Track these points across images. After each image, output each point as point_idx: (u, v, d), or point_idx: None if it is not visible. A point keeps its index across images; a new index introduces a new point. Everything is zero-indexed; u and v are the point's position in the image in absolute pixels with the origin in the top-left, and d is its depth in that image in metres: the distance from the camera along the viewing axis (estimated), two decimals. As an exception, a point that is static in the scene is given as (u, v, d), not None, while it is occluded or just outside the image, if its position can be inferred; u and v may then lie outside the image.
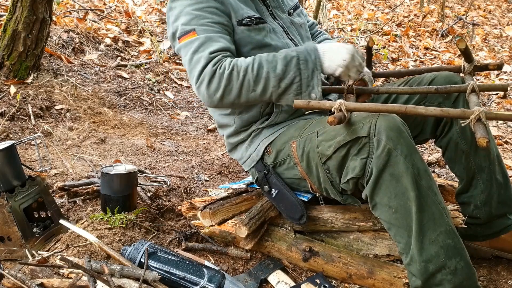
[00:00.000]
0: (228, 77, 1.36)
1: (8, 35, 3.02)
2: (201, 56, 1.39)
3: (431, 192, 1.25)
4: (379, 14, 7.04)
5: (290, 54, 1.39)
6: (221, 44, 1.41)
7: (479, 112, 1.15)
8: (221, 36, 1.44)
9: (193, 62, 1.40)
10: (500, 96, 3.91)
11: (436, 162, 2.65)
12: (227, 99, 1.40)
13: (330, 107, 1.28)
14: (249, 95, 1.40)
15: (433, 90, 1.46)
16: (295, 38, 1.64)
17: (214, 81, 1.37)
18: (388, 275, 1.46)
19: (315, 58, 1.38)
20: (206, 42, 1.40)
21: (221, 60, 1.38)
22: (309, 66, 1.37)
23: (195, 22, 1.43)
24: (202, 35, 1.41)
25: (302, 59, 1.37)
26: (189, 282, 1.35)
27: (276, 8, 1.66)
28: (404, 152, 1.23)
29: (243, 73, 1.36)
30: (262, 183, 1.60)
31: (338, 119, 1.22)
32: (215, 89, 1.38)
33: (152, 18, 5.21)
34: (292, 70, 1.37)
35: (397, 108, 1.24)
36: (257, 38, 1.51)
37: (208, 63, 1.38)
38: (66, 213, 1.93)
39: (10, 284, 1.36)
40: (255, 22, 1.51)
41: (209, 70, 1.37)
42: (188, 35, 1.43)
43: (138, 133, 3.00)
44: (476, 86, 1.38)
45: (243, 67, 1.37)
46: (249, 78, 1.37)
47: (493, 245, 1.64)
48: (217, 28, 1.44)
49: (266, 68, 1.37)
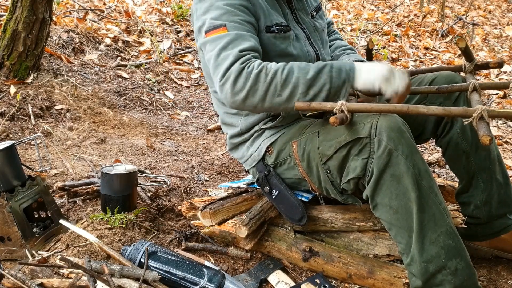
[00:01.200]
0: (256, 77, 1.30)
1: (8, 35, 3.02)
2: (230, 53, 1.33)
3: (431, 193, 1.25)
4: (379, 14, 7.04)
5: (324, 62, 1.35)
6: (251, 44, 1.36)
7: (481, 110, 1.15)
8: (251, 35, 1.39)
9: (221, 58, 1.34)
10: (500, 96, 3.92)
11: (436, 162, 2.65)
12: (251, 100, 1.33)
13: (331, 108, 1.28)
14: (274, 100, 1.33)
15: (435, 90, 1.46)
16: (316, 44, 1.61)
17: (241, 79, 1.31)
18: (388, 275, 1.46)
19: (350, 69, 1.32)
20: (237, 39, 1.35)
21: (250, 59, 1.33)
22: (342, 75, 1.32)
23: (226, 18, 1.37)
24: (232, 31, 1.36)
25: (336, 67, 1.32)
26: (189, 282, 1.35)
27: (301, 10, 1.61)
28: (405, 153, 1.23)
29: (272, 76, 1.30)
30: (262, 184, 1.60)
31: (340, 119, 1.22)
32: (240, 88, 1.31)
33: (152, 18, 5.20)
34: (323, 77, 1.31)
35: (399, 108, 1.24)
36: (281, 46, 1.48)
37: (236, 60, 1.32)
38: (66, 213, 1.93)
39: (10, 284, 1.36)
40: (283, 31, 1.47)
41: (236, 67, 1.31)
42: (217, 30, 1.37)
43: (138, 133, 3.00)
44: (478, 84, 1.38)
45: (273, 70, 1.31)
46: (277, 82, 1.30)
47: (493, 245, 1.64)
48: (247, 27, 1.39)
49: (296, 74, 1.31)
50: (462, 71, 1.61)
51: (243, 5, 1.41)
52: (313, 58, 1.57)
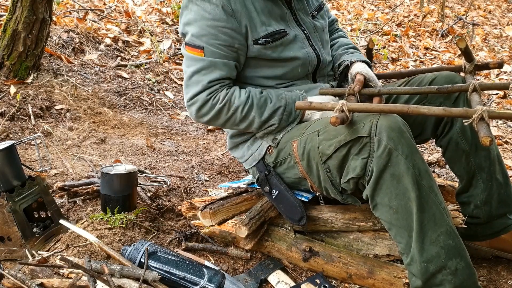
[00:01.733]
0: (219, 110, 1.48)
1: (8, 35, 3.02)
2: (200, 80, 1.46)
3: (431, 193, 1.25)
4: (379, 14, 7.03)
5: (279, 103, 1.49)
6: (222, 73, 1.46)
7: (481, 111, 1.15)
8: (225, 63, 1.46)
9: (192, 81, 1.48)
10: (500, 96, 3.91)
11: (436, 162, 2.65)
12: (213, 124, 1.54)
13: (332, 108, 1.28)
14: (232, 127, 1.57)
15: (435, 90, 1.46)
16: (316, 45, 1.61)
17: (205, 108, 1.48)
18: (388, 275, 1.46)
19: (299, 114, 1.52)
20: (210, 67, 1.45)
21: (217, 90, 1.47)
22: (290, 119, 1.52)
23: (205, 40, 1.44)
24: (208, 58, 1.45)
25: (288, 111, 1.50)
26: (189, 282, 1.35)
27: (301, 10, 1.61)
28: (405, 152, 1.23)
29: (233, 111, 1.48)
30: (262, 184, 1.60)
31: (341, 119, 1.23)
32: (204, 114, 1.50)
33: (152, 18, 5.20)
34: (274, 118, 1.50)
35: (399, 108, 1.24)
36: (273, 55, 1.51)
37: (204, 90, 1.46)
38: (66, 213, 1.93)
39: (10, 284, 1.36)
40: (271, 40, 1.48)
41: (203, 97, 1.47)
42: (195, 50, 1.46)
43: (138, 133, 3.00)
44: (478, 85, 1.38)
45: (234, 106, 1.47)
46: (236, 117, 1.49)
47: (493, 245, 1.64)
48: (224, 52, 1.45)
49: (254, 113, 1.48)
50: (462, 71, 1.61)
51: (227, 27, 1.43)
52: (313, 59, 1.58)
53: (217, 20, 1.42)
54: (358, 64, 1.60)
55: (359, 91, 1.47)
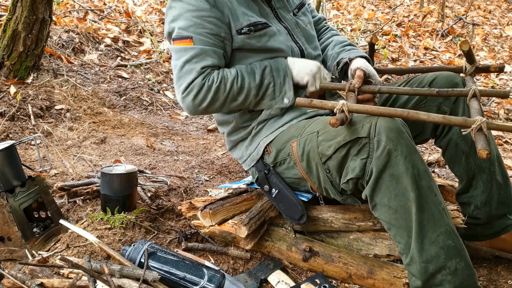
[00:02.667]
0: (216, 90, 1.46)
1: (8, 35, 3.02)
2: (193, 68, 1.45)
3: (431, 193, 1.25)
4: (379, 14, 7.03)
5: (264, 63, 1.51)
6: (214, 60, 1.47)
7: (480, 122, 1.15)
8: (215, 50, 1.47)
9: (184, 71, 1.46)
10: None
11: (436, 162, 2.65)
12: (211, 108, 1.51)
13: (332, 108, 1.28)
14: (231, 105, 1.52)
15: (435, 93, 1.46)
16: (300, 40, 1.63)
17: (202, 93, 1.46)
18: (388, 275, 1.46)
19: (285, 66, 1.52)
20: (201, 54, 1.45)
21: (210, 73, 1.46)
22: (280, 73, 1.52)
23: (193, 30, 1.45)
24: (198, 46, 1.45)
25: (274, 67, 1.51)
26: (189, 282, 1.35)
27: (281, 8, 1.64)
28: (404, 153, 1.23)
29: (229, 86, 1.47)
30: (262, 183, 1.60)
31: (341, 120, 1.23)
32: (201, 100, 1.47)
33: (152, 18, 5.20)
34: (267, 77, 1.50)
35: (399, 113, 1.24)
36: (258, 45, 1.53)
37: (198, 76, 1.45)
38: (66, 213, 1.93)
39: (10, 284, 1.36)
40: (254, 30, 1.51)
41: (198, 82, 1.45)
42: (184, 41, 1.46)
43: (138, 133, 3.00)
44: (478, 91, 1.37)
45: (230, 80, 1.47)
46: (234, 90, 1.48)
47: (493, 245, 1.64)
48: (212, 41, 1.47)
49: (247, 79, 1.49)
50: (463, 72, 1.60)
51: (212, 16, 1.46)
52: (297, 53, 1.61)
53: (202, 10, 1.45)
54: (358, 59, 1.59)
55: (359, 87, 1.46)
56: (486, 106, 3.73)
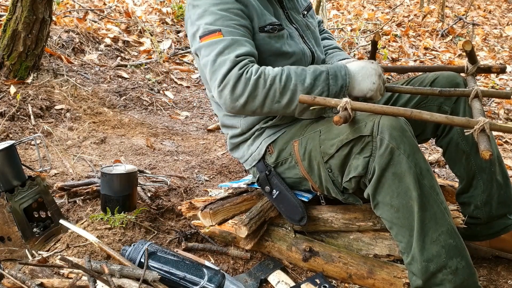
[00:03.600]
0: (255, 83, 1.32)
1: (8, 35, 3.02)
2: (226, 59, 1.33)
3: (433, 192, 1.25)
4: (379, 14, 7.04)
5: (320, 68, 1.37)
6: (247, 49, 1.36)
7: (483, 123, 1.15)
8: (246, 40, 1.39)
9: (217, 63, 1.34)
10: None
11: (436, 162, 2.65)
12: (250, 106, 1.35)
13: (335, 105, 1.27)
14: (273, 106, 1.36)
15: (437, 93, 1.46)
16: (310, 42, 1.61)
17: (240, 85, 1.32)
18: (388, 275, 1.46)
19: (345, 74, 1.37)
20: (233, 44, 1.35)
21: (248, 64, 1.34)
22: (339, 82, 1.36)
23: (220, 23, 1.37)
24: (228, 36, 1.36)
25: (332, 74, 1.36)
26: (189, 282, 1.35)
27: (292, 9, 1.62)
28: (407, 151, 1.23)
29: (270, 82, 1.32)
30: (263, 184, 1.60)
31: (344, 118, 1.22)
32: (240, 94, 1.33)
33: (152, 18, 5.20)
34: (320, 85, 1.34)
35: (402, 112, 1.24)
36: (276, 45, 1.47)
37: (234, 66, 1.33)
38: (66, 213, 1.93)
39: (10, 284, 1.36)
40: (277, 30, 1.47)
41: (235, 73, 1.32)
42: (212, 35, 1.37)
43: (138, 133, 3.00)
44: (480, 91, 1.37)
45: (271, 76, 1.33)
46: (275, 88, 1.33)
47: (493, 245, 1.64)
48: (242, 31, 1.39)
49: (294, 80, 1.33)
50: (464, 72, 1.60)
51: (237, 9, 1.41)
52: (308, 56, 1.57)
53: (226, 3, 1.39)
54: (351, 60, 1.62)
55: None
56: (486, 106, 3.73)
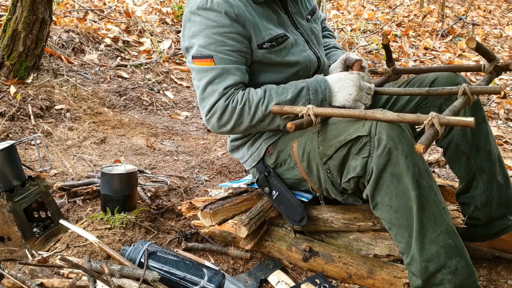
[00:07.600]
0: (240, 111, 1.41)
1: (8, 35, 3.02)
2: (215, 90, 1.40)
3: (431, 192, 1.25)
4: (379, 14, 7.04)
5: (300, 84, 1.42)
6: (236, 78, 1.41)
7: (431, 117, 1.13)
8: (237, 68, 1.42)
9: (206, 92, 1.42)
10: (500, 96, 3.91)
11: (436, 162, 2.65)
12: (236, 130, 1.46)
13: (300, 112, 1.31)
14: (258, 126, 1.45)
15: (425, 92, 1.46)
16: (315, 47, 1.60)
17: (226, 114, 1.42)
18: (388, 275, 1.46)
19: (325, 89, 1.42)
20: (223, 74, 1.40)
21: (234, 93, 1.41)
22: (319, 96, 1.41)
23: (213, 48, 1.39)
24: (219, 65, 1.40)
25: (312, 88, 1.41)
26: (189, 282, 1.35)
27: (297, 14, 1.60)
28: (405, 152, 1.23)
29: (255, 108, 1.40)
30: (263, 185, 1.60)
31: (297, 125, 1.26)
32: (226, 121, 1.43)
33: (152, 18, 5.20)
34: (301, 100, 1.40)
35: (357, 114, 1.25)
36: (277, 59, 1.48)
37: (221, 97, 1.40)
38: (66, 213, 1.93)
39: (10, 284, 1.36)
40: (276, 44, 1.46)
41: (221, 104, 1.40)
42: (204, 60, 1.41)
43: (138, 133, 3.00)
44: (468, 88, 1.36)
45: (255, 102, 1.40)
46: (259, 112, 1.41)
47: (493, 245, 1.64)
48: (234, 58, 1.41)
49: (276, 101, 1.40)
50: (482, 71, 1.56)
51: (233, 32, 1.40)
52: (314, 62, 1.56)
53: (222, 26, 1.39)
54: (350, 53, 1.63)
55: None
56: (486, 106, 3.73)
